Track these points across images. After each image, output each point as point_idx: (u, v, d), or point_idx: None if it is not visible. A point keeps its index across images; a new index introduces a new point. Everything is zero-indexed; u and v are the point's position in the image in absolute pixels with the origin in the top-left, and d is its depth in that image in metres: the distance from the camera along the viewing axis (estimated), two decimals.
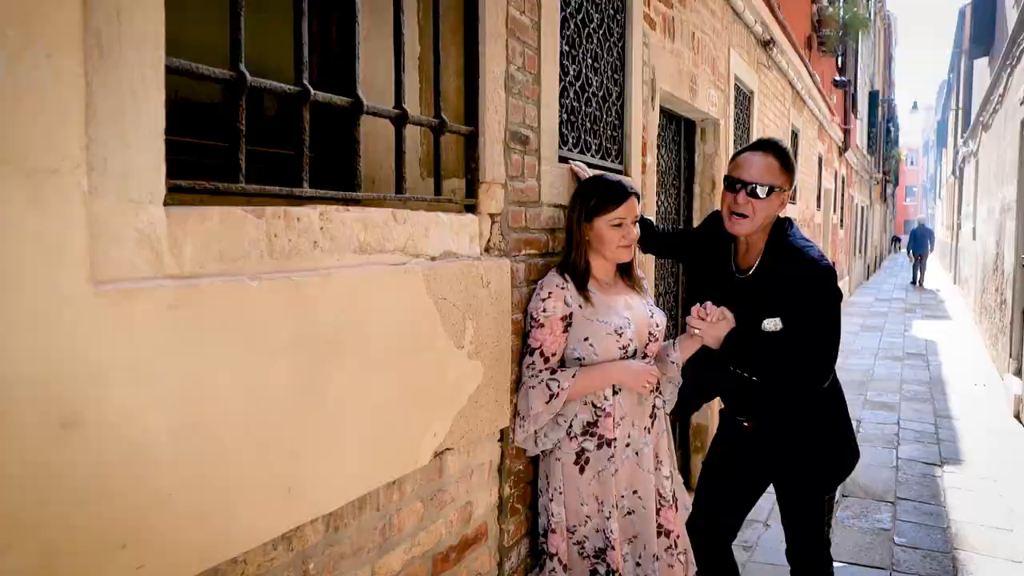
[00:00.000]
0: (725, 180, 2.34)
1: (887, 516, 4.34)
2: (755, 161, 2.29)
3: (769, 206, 2.28)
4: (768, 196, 2.27)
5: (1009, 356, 7.65)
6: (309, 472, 1.46)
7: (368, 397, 1.61)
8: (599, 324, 2.23)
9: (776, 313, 2.24)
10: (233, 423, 1.29)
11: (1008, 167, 8.35)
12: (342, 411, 1.54)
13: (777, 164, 2.29)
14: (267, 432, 1.36)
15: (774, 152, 2.30)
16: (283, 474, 1.40)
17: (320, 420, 1.48)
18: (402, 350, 1.71)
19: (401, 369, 1.71)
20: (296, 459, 1.43)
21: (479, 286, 2.01)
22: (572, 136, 2.68)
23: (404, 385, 1.72)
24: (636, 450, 2.31)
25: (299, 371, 1.42)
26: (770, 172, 2.27)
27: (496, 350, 2.11)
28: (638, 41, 3.16)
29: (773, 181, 2.28)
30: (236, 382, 1.29)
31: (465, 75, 2.06)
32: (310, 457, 1.46)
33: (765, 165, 2.28)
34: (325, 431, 1.50)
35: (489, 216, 2.12)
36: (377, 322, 1.62)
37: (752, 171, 2.28)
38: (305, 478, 1.45)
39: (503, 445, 2.24)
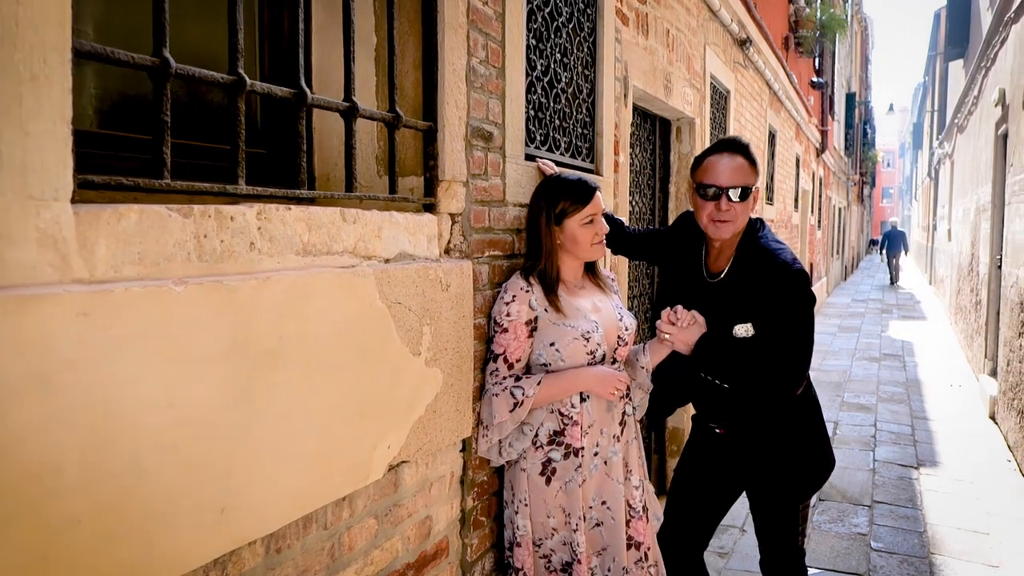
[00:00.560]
0: (698, 187, 2.26)
1: (864, 520, 4.29)
2: (726, 164, 2.23)
3: (747, 207, 2.23)
4: (747, 198, 2.20)
5: (984, 357, 7.67)
6: (245, 491, 1.35)
7: (313, 409, 1.50)
8: (566, 328, 2.14)
9: (748, 318, 2.16)
10: (154, 440, 1.18)
11: (983, 168, 8.38)
12: (283, 425, 1.43)
13: (747, 164, 2.23)
14: (195, 450, 1.25)
15: (741, 152, 2.24)
16: (214, 494, 1.29)
17: (258, 435, 1.37)
18: (351, 358, 1.60)
19: (350, 379, 1.60)
20: (229, 478, 1.32)
21: (438, 289, 1.91)
22: (540, 133, 2.59)
23: (354, 396, 1.62)
24: (605, 459, 2.22)
25: (233, 383, 1.31)
26: (743, 173, 2.22)
27: (456, 356, 2.01)
28: (610, 37, 3.08)
29: (747, 181, 2.22)
30: (158, 396, 1.18)
31: (423, 67, 1.96)
32: (246, 475, 1.35)
33: (737, 167, 2.22)
34: (264, 447, 1.39)
35: (449, 216, 2.02)
36: (323, 329, 1.52)
37: (727, 175, 2.21)
38: (240, 497, 1.34)
39: (465, 456, 2.14)
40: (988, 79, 8.20)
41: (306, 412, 1.49)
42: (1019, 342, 5.46)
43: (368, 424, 1.67)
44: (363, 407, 1.65)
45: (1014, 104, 6.21)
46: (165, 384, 1.19)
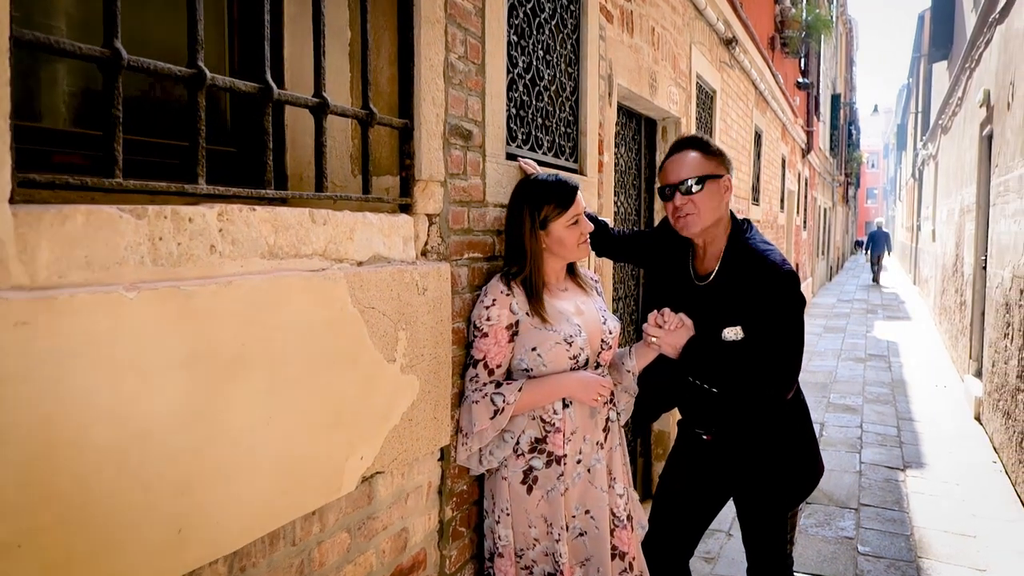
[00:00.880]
0: (659, 193, 2.23)
1: (851, 524, 4.25)
2: (677, 161, 2.21)
3: (710, 197, 2.16)
4: (703, 187, 2.15)
5: (969, 357, 7.68)
6: (206, 508, 1.28)
7: (280, 421, 1.43)
8: (548, 332, 2.08)
9: (736, 321, 2.11)
10: (104, 458, 1.10)
11: (968, 169, 8.39)
12: (248, 438, 1.36)
13: (698, 155, 2.19)
14: (150, 466, 1.17)
15: (691, 145, 2.21)
16: (171, 513, 1.22)
17: (220, 449, 1.30)
18: (321, 366, 1.53)
19: (320, 387, 1.53)
20: (188, 495, 1.24)
21: (414, 293, 1.84)
22: (522, 132, 2.52)
23: (324, 405, 1.55)
24: (588, 467, 2.16)
25: (192, 394, 1.24)
26: (695, 164, 2.17)
27: (434, 362, 1.94)
28: (594, 34, 3.02)
29: (701, 171, 2.16)
30: (108, 410, 1.10)
31: (399, 63, 1.89)
32: (207, 492, 1.28)
33: (687, 160, 2.19)
34: (226, 461, 1.31)
35: (426, 217, 1.95)
36: (290, 335, 1.45)
37: (675, 171, 2.19)
38: (201, 516, 1.27)
39: (444, 464, 2.07)
40: (972, 80, 8.21)
41: (272, 424, 1.41)
42: (1004, 343, 5.45)
43: (339, 435, 1.60)
44: (334, 417, 1.58)
45: (999, 105, 6.21)
46: (116, 397, 1.11)
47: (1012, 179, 5.41)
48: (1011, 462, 4.99)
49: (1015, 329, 5.06)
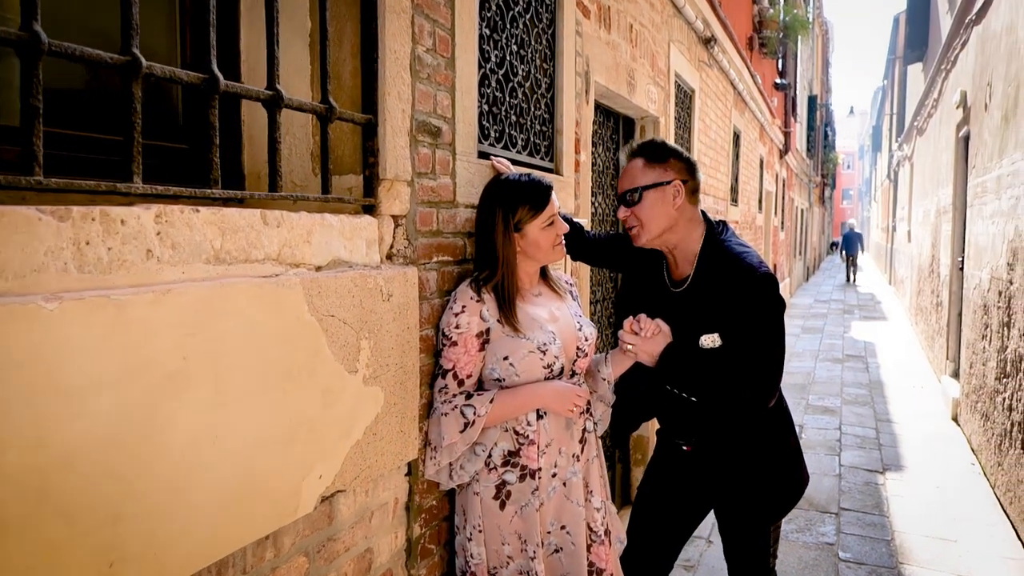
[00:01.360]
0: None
1: (831, 529, 4.19)
2: (625, 170, 2.15)
3: (653, 206, 2.07)
4: (641, 199, 2.07)
5: (946, 358, 7.69)
6: (142, 538, 1.16)
7: (228, 439, 1.31)
8: (520, 341, 1.98)
9: (714, 328, 2.02)
10: (19, 489, 0.98)
11: (944, 170, 8.41)
12: (191, 459, 1.24)
13: (641, 163, 2.11)
14: (74, 495, 1.06)
15: (638, 152, 2.14)
16: (101, 545, 1.10)
17: (158, 473, 1.18)
18: (275, 380, 1.42)
19: (273, 402, 1.42)
20: (120, 524, 1.13)
21: (378, 299, 1.73)
22: (494, 129, 2.42)
23: (278, 421, 1.43)
24: (564, 480, 2.06)
25: (125, 414, 1.12)
26: (636, 174, 2.10)
27: (400, 372, 1.84)
28: (570, 29, 2.92)
29: (642, 181, 2.09)
30: (24, 436, 0.99)
31: (362, 55, 1.78)
32: (143, 519, 1.16)
33: (631, 169, 2.13)
34: (165, 485, 1.20)
35: (392, 218, 1.84)
36: (240, 347, 1.33)
37: (623, 182, 2.14)
38: (135, 547, 1.15)
39: (411, 480, 1.96)
40: (948, 81, 8.24)
41: (219, 443, 1.30)
42: (982, 344, 5.44)
43: (295, 452, 1.49)
44: (289, 433, 1.47)
45: (976, 106, 6.21)
46: (34, 420, 1.00)
47: (990, 180, 5.40)
48: (990, 464, 4.97)
49: (993, 331, 5.04)
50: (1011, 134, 4.76)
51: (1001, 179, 4.98)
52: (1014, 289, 4.43)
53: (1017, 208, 4.42)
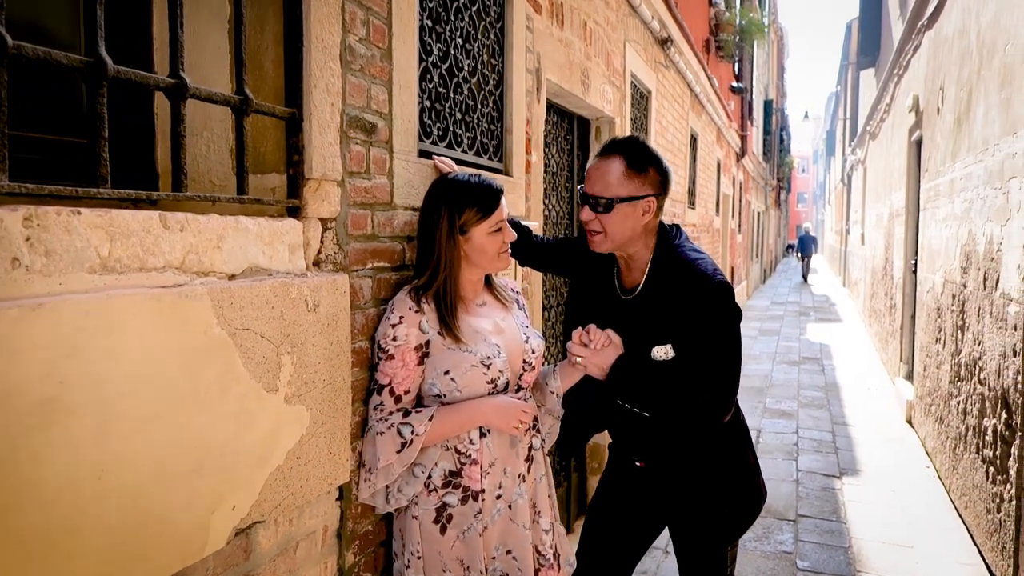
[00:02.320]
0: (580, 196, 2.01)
1: (789, 537, 4.13)
2: (599, 169, 1.94)
3: (622, 220, 1.92)
4: (612, 210, 1.91)
5: (900, 360, 7.75)
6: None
7: (115, 473, 1.15)
8: (462, 354, 1.84)
9: (666, 339, 1.91)
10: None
11: (897, 174, 8.50)
12: (69, 499, 1.08)
13: (623, 168, 1.92)
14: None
15: (620, 152, 1.93)
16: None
17: (23, 518, 1.02)
18: (176, 402, 1.26)
19: (174, 429, 1.26)
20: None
21: (302, 310, 1.58)
22: (438, 127, 2.28)
23: (179, 450, 1.27)
24: (509, 502, 1.93)
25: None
26: (616, 180, 1.91)
27: (328, 389, 1.69)
28: (520, 23, 2.80)
29: (619, 191, 1.91)
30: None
31: (286, 43, 1.63)
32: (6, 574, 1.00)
33: (608, 171, 1.93)
34: (34, 533, 1.04)
35: (319, 221, 1.69)
36: (131, 368, 1.17)
37: (594, 181, 1.94)
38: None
39: (343, 504, 1.81)
40: (900, 86, 8.32)
41: (105, 477, 1.14)
42: (936, 348, 5.46)
43: (202, 484, 1.33)
44: (194, 463, 1.31)
45: (928, 110, 6.25)
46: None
47: (943, 184, 5.42)
48: (945, 468, 4.97)
49: (947, 334, 5.05)
50: (964, 137, 4.77)
51: (954, 182, 4.99)
52: (967, 293, 4.43)
53: (970, 211, 4.43)
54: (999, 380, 3.67)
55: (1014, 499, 3.35)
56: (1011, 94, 3.66)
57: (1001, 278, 3.68)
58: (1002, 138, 3.79)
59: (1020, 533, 3.28)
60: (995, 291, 3.79)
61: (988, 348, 3.91)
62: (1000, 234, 3.73)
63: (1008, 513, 3.44)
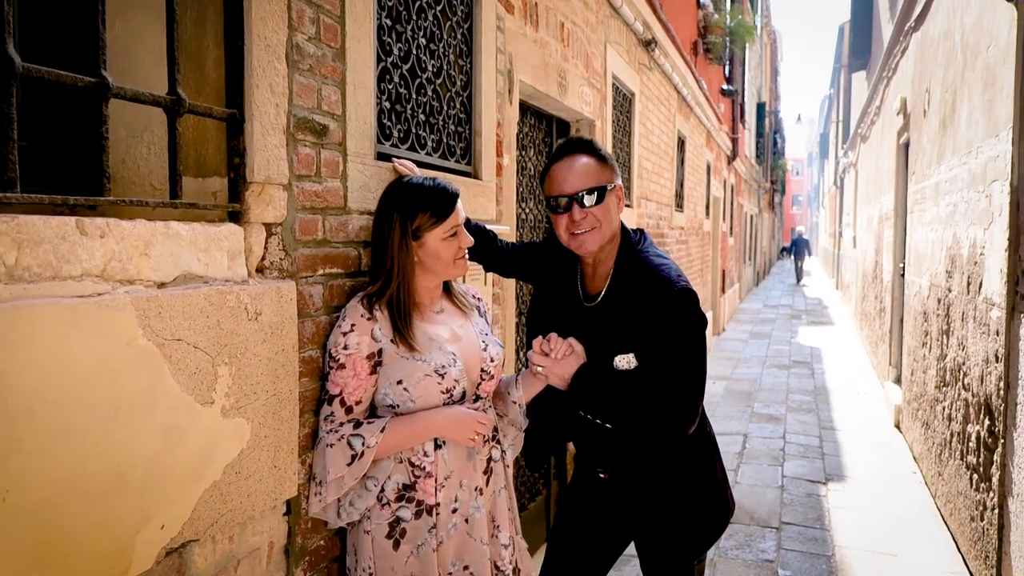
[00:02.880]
0: (548, 202, 1.95)
1: (771, 545, 4.07)
2: (571, 167, 1.91)
3: (610, 210, 1.91)
4: (604, 199, 1.90)
5: (889, 364, 7.70)
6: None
7: (20, 495, 1.09)
8: (416, 363, 1.78)
9: (629, 348, 1.85)
10: None
11: (886, 177, 8.46)
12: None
13: (595, 162, 1.92)
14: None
15: (585, 150, 1.93)
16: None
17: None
18: (94, 418, 1.20)
19: (92, 446, 1.20)
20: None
21: (242, 319, 1.52)
22: (399, 129, 2.22)
23: (99, 468, 1.21)
24: (465, 516, 1.87)
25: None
26: (591, 173, 1.91)
27: (273, 401, 1.62)
28: (490, 24, 2.74)
29: (600, 180, 1.91)
30: None
31: (226, 41, 1.57)
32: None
33: (583, 168, 1.91)
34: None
35: (263, 226, 1.63)
36: (41, 383, 1.11)
37: (573, 179, 1.90)
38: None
39: (292, 519, 1.75)
40: (890, 89, 8.29)
41: (10, 499, 1.07)
42: (923, 352, 5.41)
43: (125, 503, 1.27)
44: (116, 481, 1.25)
45: (915, 112, 6.21)
46: None
47: (928, 187, 5.37)
48: (931, 474, 4.92)
49: (932, 338, 5.00)
50: (949, 140, 4.73)
51: (939, 185, 4.95)
52: (952, 297, 4.38)
53: (954, 215, 4.38)
54: (982, 386, 3.62)
55: (996, 507, 3.30)
56: (993, 96, 3.61)
57: (984, 282, 3.64)
58: (985, 140, 3.74)
59: (1003, 542, 3.23)
60: (978, 295, 3.74)
61: (972, 353, 3.86)
62: (983, 237, 3.68)
63: (991, 521, 3.39)
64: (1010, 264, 3.22)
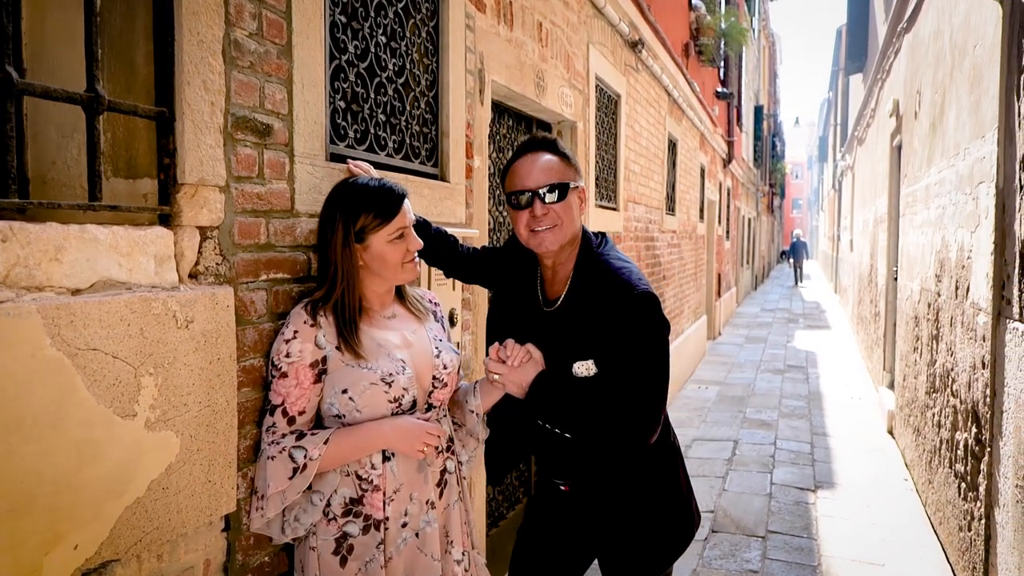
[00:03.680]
0: (508, 199, 1.88)
1: (756, 555, 3.99)
2: (532, 163, 1.86)
3: (571, 208, 1.85)
4: (566, 196, 1.84)
5: (883, 369, 7.62)
6: None
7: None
8: (361, 371, 1.71)
9: (589, 354, 1.78)
10: None
11: (880, 180, 8.39)
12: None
13: (557, 160, 1.87)
14: None
15: (547, 148, 1.88)
16: None
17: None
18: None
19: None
20: None
21: (170, 326, 1.45)
22: (355, 130, 2.15)
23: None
24: (416, 531, 1.79)
25: None
26: (554, 170, 1.85)
27: (207, 412, 1.55)
28: (458, 22, 2.67)
29: (563, 178, 1.85)
30: None
31: (155, 36, 1.50)
32: None
33: (545, 165, 1.85)
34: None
35: (197, 230, 1.56)
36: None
37: (534, 175, 1.84)
38: None
39: (231, 536, 1.67)
40: (884, 91, 8.22)
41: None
42: (914, 357, 5.33)
43: (31, 523, 1.19)
44: (21, 500, 1.18)
45: (907, 114, 6.14)
46: None
47: (919, 189, 5.30)
48: (921, 481, 4.84)
49: (923, 343, 4.92)
50: (938, 142, 4.65)
51: (929, 188, 4.87)
52: (941, 302, 4.31)
53: (943, 218, 4.30)
54: (969, 392, 3.54)
55: (983, 517, 3.22)
56: (980, 96, 3.54)
57: (971, 287, 3.56)
58: (971, 141, 3.67)
59: (989, 553, 3.15)
60: (966, 300, 3.67)
61: (960, 359, 3.79)
62: (970, 241, 3.61)
63: (978, 532, 3.31)
64: (996, 268, 3.14)
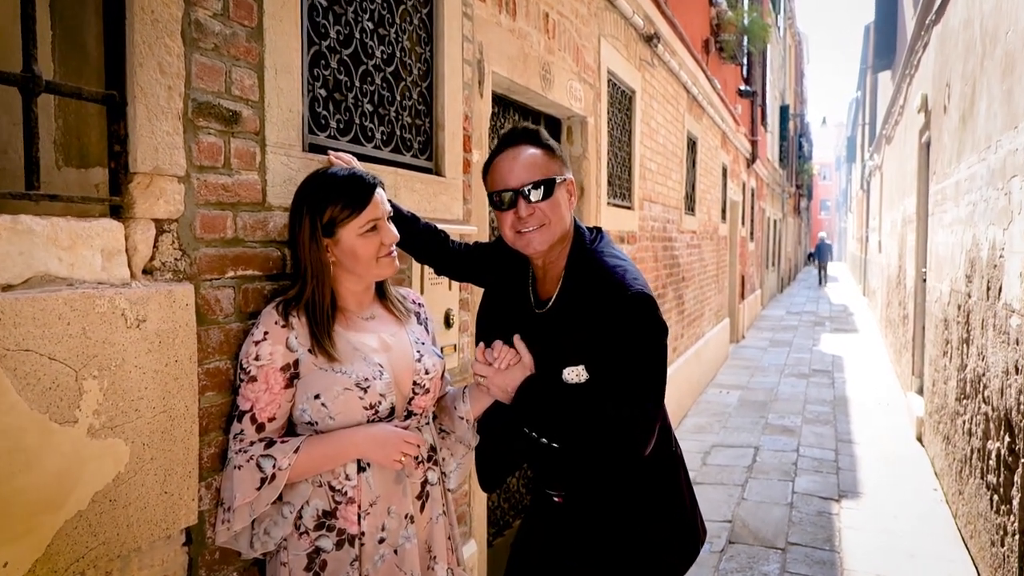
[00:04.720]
0: (491, 199, 1.75)
1: (775, 568, 3.82)
2: (514, 160, 1.71)
3: (559, 205, 1.71)
4: (552, 193, 1.70)
5: (912, 373, 7.37)
6: None
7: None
8: (335, 375, 1.59)
9: (580, 358, 1.64)
10: None
11: (908, 179, 8.14)
12: None
13: (542, 153, 1.72)
14: None
15: (530, 141, 1.73)
16: None
17: None
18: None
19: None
20: None
21: (118, 326, 1.34)
22: (338, 119, 2.04)
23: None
24: (394, 547, 1.67)
25: None
26: (540, 164, 1.71)
27: (163, 418, 1.44)
28: (454, 9, 2.55)
29: (547, 173, 1.71)
30: None
31: (105, 14, 1.40)
32: None
33: (530, 159, 1.70)
34: None
35: (152, 222, 1.45)
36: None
37: (517, 173, 1.70)
38: None
39: (194, 550, 1.56)
40: (912, 86, 7.98)
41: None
42: (943, 361, 5.11)
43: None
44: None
45: (936, 109, 5.92)
46: None
47: (949, 186, 5.09)
48: (952, 492, 4.63)
49: (953, 347, 4.71)
50: (968, 135, 4.45)
51: (959, 184, 4.67)
52: (972, 303, 4.10)
53: (974, 215, 4.10)
54: (1002, 399, 3.35)
55: (1017, 532, 3.02)
56: (1012, 84, 3.35)
57: (1004, 287, 3.37)
58: (1003, 133, 3.48)
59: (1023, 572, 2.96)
60: (998, 301, 3.47)
61: (992, 364, 3.59)
62: (1003, 238, 3.41)
63: (1012, 548, 3.11)
64: None
